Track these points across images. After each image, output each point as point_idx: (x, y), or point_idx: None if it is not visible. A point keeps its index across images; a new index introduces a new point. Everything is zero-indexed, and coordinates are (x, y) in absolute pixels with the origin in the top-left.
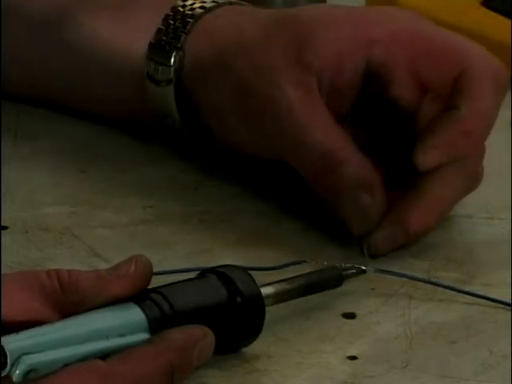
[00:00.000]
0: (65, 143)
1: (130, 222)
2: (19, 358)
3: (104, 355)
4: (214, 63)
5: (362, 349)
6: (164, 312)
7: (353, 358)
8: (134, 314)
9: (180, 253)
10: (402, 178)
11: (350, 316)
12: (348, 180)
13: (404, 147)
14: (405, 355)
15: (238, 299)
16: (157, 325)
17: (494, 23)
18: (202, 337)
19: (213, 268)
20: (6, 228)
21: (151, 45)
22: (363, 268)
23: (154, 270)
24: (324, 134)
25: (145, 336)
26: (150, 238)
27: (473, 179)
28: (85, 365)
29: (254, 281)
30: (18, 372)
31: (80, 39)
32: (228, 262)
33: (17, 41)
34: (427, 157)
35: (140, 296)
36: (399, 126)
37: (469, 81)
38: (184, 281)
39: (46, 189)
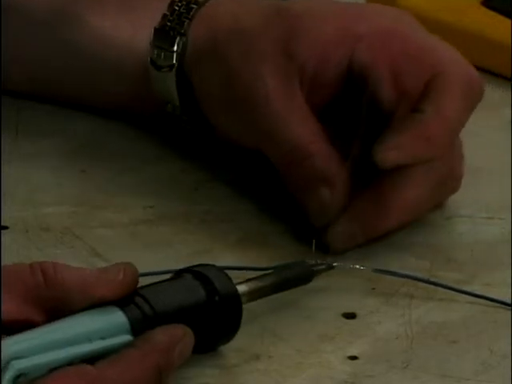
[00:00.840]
0: (65, 142)
1: (131, 221)
2: (8, 363)
3: (91, 357)
4: (208, 49)
5: (362, 349)
6: (145, 313)
7: (353, 357)
8: (116, 317)
9: (181, 252)
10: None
11: (351, 316)
12: (311, 172)
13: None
14: (405, 355)
15: (216, 298)
16: (139, 326)
17: (493, 23)
18: (182, 336)
19: (188, 267)
20: (6, 228)
21: (156, 30)
22: (333, 264)
23: (152, 270)
24: (298, 126)
25: (127, 338)
26: (151, 237)
27: (446, 183)
28: (73, 369)
29: (230, 279)
30: (7, 378)
31: (82, 35)
32: (228, 262)
33: (17, 40)
34: (384, 155)
35: (121, 298)
36: (378, 125)
37: (438, 85)
38: (164, 281)
39: (46, 188)
